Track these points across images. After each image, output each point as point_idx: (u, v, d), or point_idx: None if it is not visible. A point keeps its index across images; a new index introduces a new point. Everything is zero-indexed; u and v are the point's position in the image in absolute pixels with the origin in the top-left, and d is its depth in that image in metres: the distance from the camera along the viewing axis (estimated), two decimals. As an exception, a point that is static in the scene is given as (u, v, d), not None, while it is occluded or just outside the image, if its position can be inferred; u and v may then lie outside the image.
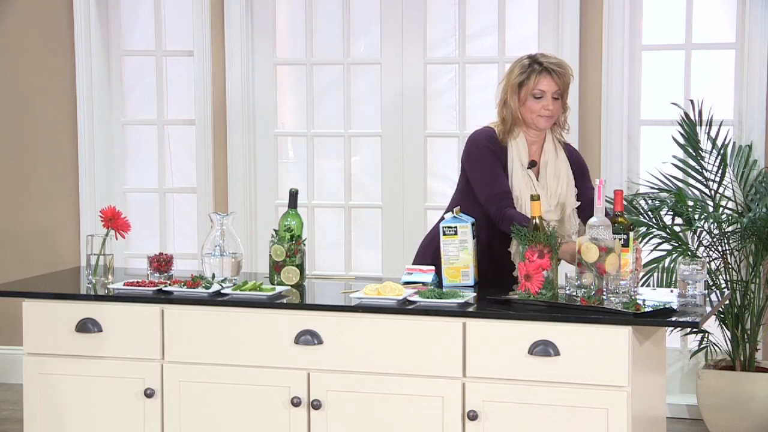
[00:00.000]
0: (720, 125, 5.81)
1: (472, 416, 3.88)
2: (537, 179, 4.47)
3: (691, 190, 5.80)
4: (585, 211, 4.45)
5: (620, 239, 4.03)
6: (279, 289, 4.21)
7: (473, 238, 4.31)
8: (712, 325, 5.80)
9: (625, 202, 5.83)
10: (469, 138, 4.53)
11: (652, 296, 4.08)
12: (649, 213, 5.76)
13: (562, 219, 4.48)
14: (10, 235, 6.83)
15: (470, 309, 3.95)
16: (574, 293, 3.94)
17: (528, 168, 4.45)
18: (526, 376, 3.84)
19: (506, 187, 4.41)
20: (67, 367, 4.27)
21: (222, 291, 4.21)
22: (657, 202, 5.77)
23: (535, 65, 4.43)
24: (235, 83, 6.48)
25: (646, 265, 5.70)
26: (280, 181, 6.60)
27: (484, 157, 4.45)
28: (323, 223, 6.63)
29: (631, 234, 4.10)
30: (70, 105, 6.69)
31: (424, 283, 4.30)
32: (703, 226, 5.67)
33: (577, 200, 4.51)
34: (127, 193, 6.83)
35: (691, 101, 5.85)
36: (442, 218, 4.41)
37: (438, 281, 4.33)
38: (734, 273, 5.71)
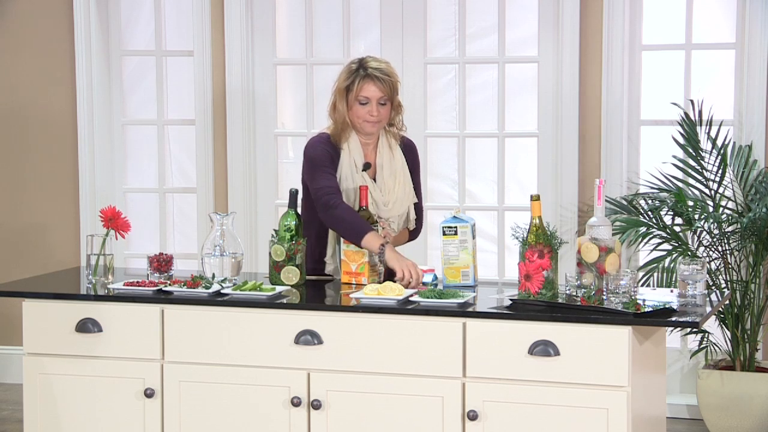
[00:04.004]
0: (720, 125, 5.81)
1: (472, 416, 3.88)
2: (375, 181, 4.59)
3: (691, 190, 5.80)
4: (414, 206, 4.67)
5: None
6: (279, 289, 4.21)
7: (473, 238, 4.31)
8: (712, 325, 5.80)
9: (625, 202, 5.86)
10: (306, 145, 4.61)
11: (652, 296, 4.07)
12: (649, 213, 5.76)
13: (402, 216, 4.62)
14: (10, 235, 6.83)
15: (470, 309, 3.95)
16: (574, 293, 3.93)
17: (363, 170, 4.55)
18: (526, 376, 3.84)
19: (336, 183, 4.47)
20: (67, 367, 4.27)
21: (222, 291, 4.21)
22: (657, 202, 5.77)
23: (360, 70, 4.51)
24: (235, 83, 6.48)
25: (646, 264, 5.71)
26: (280, 181, 6.60)
27: (319, 160, 4.51)
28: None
29: None
30: (70, 105, 6.69)
31: (424, 283, 4.30)
32: (703, 226, 5.67)
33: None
34: (127, 193, 6.83)
35: (691, 101, 5.85)
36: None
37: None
38: (734, 273, 5.71)
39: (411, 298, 4.01)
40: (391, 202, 4.57)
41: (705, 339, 5.80)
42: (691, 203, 5.66)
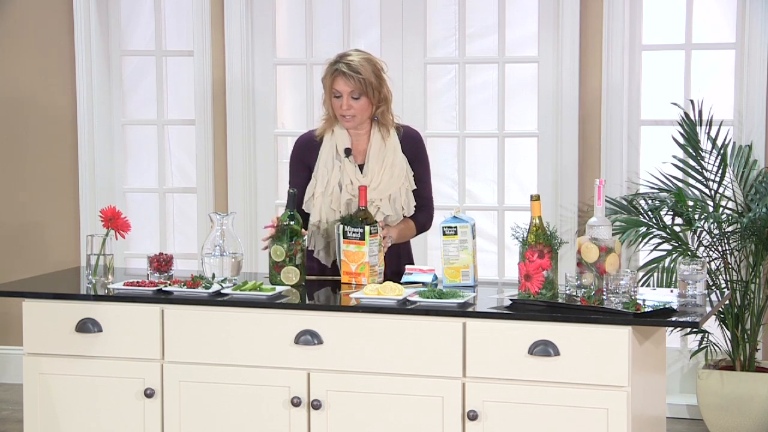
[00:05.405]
0: (720, 125, 5.81)
1: (472, 416, 3.88)
2: (361, 169, 4.60)
3: (691, 190, 5.80)
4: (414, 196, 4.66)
5: (357, 233, 4.28)
6: (279, 289, 4.21)
7: (473, 238, 4.31)
8: (712, 325, 5.80)
9: (625, 202, 5.86)
10: None
11: (652, 296, 4.07)
12: (649, 213, 5.76)
13: (395, 201, 4.60)
14: (9, 235, 6.83)
15: (470, 309, 3.95)
16: (574, 293, 3.93)
17: (346, 156, 4.59)
18: (526, 376, 3.84)
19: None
20: (67, 367, 4.27)
21: (222, 291, 4.21)
22: (657, 202, 5.77)
23: (335, 64, 4.59)
24: (235, 83, 6.48)
25: (646, 264, 5.71)
26: (280, 181, 6.60)
27: (291, 165, 4.73)
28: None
29: (367, 228, 4.28)
30: (70, 105, 6.69)
31: (424, 283, 4.30)
32: (703, 226, 5.67)
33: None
34: (127, 193, 6.83)
35: (691, 101, 5.85)
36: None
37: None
38: (734, 273, 5.71)
39: (411, 298, 4.01)
40: (374, 183, 4.57)
41: (705, 339, 5.80)
42: (691, 203, 5.66)
